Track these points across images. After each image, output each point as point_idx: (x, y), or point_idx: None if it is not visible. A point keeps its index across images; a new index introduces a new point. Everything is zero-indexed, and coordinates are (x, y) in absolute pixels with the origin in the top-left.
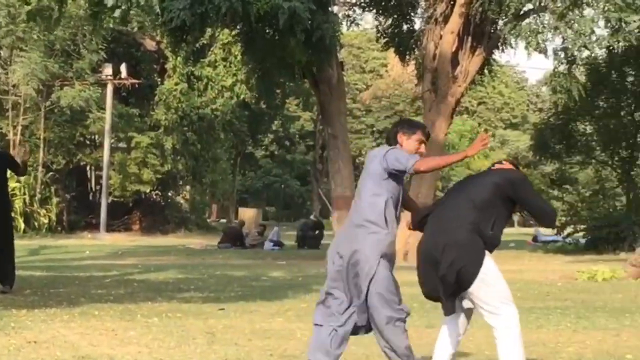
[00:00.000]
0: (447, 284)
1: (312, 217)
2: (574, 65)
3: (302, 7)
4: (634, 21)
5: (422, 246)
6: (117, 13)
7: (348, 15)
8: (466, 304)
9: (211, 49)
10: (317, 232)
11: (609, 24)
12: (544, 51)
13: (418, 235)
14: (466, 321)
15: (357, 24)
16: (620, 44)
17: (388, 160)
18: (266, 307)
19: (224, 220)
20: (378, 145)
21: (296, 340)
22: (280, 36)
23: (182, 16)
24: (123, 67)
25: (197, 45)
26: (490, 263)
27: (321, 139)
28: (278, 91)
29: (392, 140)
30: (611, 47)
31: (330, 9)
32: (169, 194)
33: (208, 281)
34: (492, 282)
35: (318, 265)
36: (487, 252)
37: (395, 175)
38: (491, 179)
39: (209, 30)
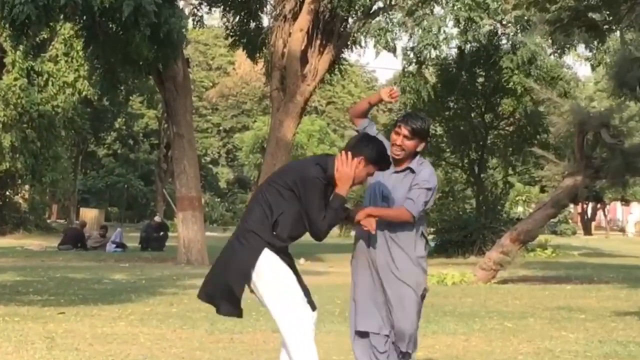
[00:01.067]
0: None
1: (156, 218)
2: (424, 66)
3: (148, 0)
4: (486, 24)
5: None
6: None
7: (194, 14)
8: None
9: (52, 43)
10: (161, 233)
11: (458, 24)
12: (393, 50)
13: None
14: None
15: (202, 25)
16: (470, 44)
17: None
18: (108, 310)
19: (64, 221)
20: (224, 145)
21: (139, 345)
22: (125, 31)
23: (26, 10)
24: None
25: (38, 39)
26: None
27: (166, 138)
28: (122, 88)
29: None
30: (461, 47)
31: (176, 3)
32: (7, 193)
33: (48, 284)
34: None
35: (162, 267)
36: None
37: None
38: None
39: (51, 25)
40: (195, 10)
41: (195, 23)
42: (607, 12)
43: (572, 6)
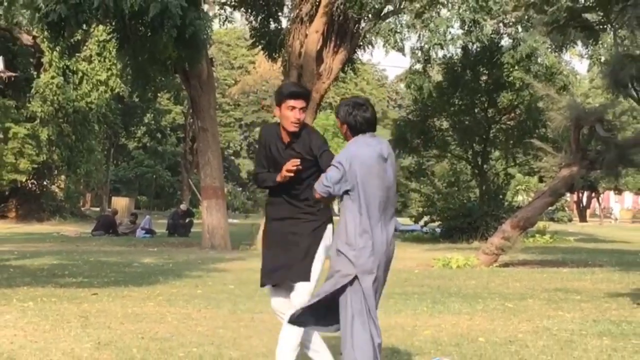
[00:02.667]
0: None
1: (182, 206)
2: (429, 65)
3: (174, 2)
4: (489, 25)
5: None
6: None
7: (219, 15)
8: None
9: (86, 44)
10: (187, 220)
11: (464, 25)
12: (401, 49)
13: None
14: None
15: (230, 21)
16: (474, 44)
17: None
18: (138, 292)
19: (97, 209)
20: (245, 138)
21: (167, 324)
22: (152, 32)
23: (58, 10)
24: (0, 61)
25: (73, 40)
26: None
27: (191, 132)
28: (151, 86)
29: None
30: (466, 47)
31: (201, 6)
32: (45, 183)
33: (82, 267)
34: None
35: (188, 252)
36: None
37: None
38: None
39: (85, 26)
40: (220, 12)
41: (220, 23)
42: (601, 13)
43: (567, 7)
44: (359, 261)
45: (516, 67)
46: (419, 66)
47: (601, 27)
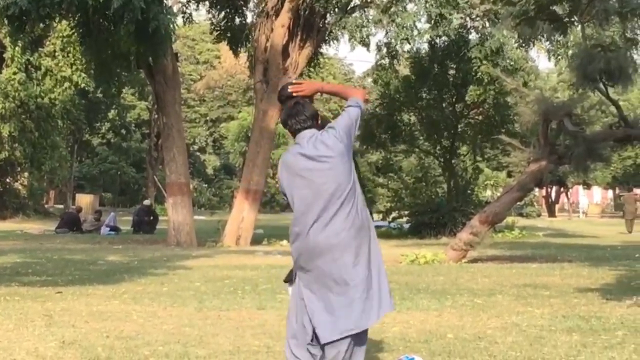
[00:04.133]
0: None
1: (145, 201)
2: (396, 59)
3: None
4: (455, 18)
5: None
6: None
7: (183, 12)
8: None
9: (49, 39)
10: (152, 217)
11: (430, 19)
12: (367, 44)
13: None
14: None
15: (191, 22)
16: (442, 38)
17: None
18: (103, 290)
19: (61, 206)
20: (211, 134)
21: (132, 322)
22: (114, 26)
23: (19, 2)
24: None
25: (35, 35)
26: None
27: (156, 128)
28: (114, 81)
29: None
30: (432, 42)
31: (165, 1)
32: (7, 180)
33: (46, 265)
34: None
35: (153, 249)
36: None
37: None
38: None
39: (47, 20)
40: (184, 7)
41: (185, 20)
42: (569, 6)
43: (536, 0)
44: (295, 264)
45: (484, 62)
46: (385, 61)
47: (570, 20)
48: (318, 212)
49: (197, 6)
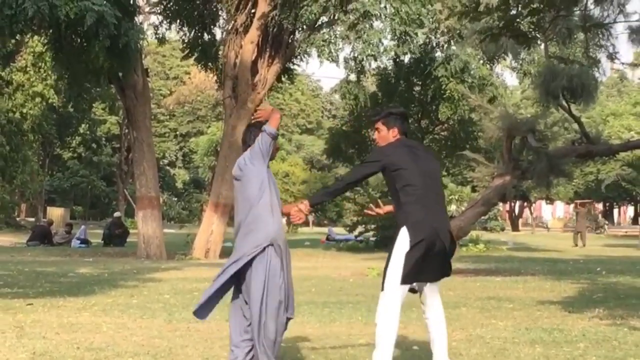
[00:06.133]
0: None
1: (115, 214)
2: (363, 75)
3: (110, 12)
4: (421, 36)
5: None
6: None
7: (156, 33)
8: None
9: (21, 54)
10: (122, 230)
11: (395, 37)
12: (335, 60)
13: (219, 234)
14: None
15: (163, 43)
16: (407, 55)
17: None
18: (73, 302)
19: (32, 219)
20: (181, 148)
21: (102, 334)
22: (87, 42)
23: None
24: None
25: (7, 50)
26: None
27: (127, 142)
28: (85, 96)
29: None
30: (397, 59)
31: (135, 17)
32: None
33: (17, 277)
34: None
35: (123, 262)
36: None
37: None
38: (437, 167)
39: (19, 36)
40: (156, 27)
41: (158, 40)
42: (533, 23)
43: (500, 16)
44: None
45: (451, 79)
46: (353, 77)
47: (533, 36)
48: (239, 220)
49: (169, 26)
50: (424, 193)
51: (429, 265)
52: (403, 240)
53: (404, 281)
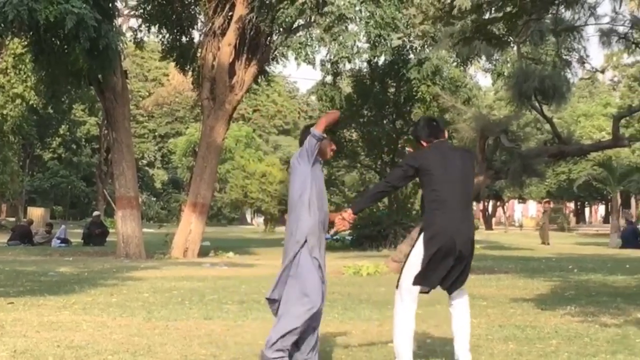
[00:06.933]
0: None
1: (94, 213)
2: (339, 77)
3: (89, 15)
4: (395, 38)
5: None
6: None
7: (135, 37)
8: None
9: (1, 56)
10: (102, 230)
11: (369, 40)
12: (312, 62)
13: (197, 233)
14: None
15: (141, 48)
16: (381, 58)
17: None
18: (54, 300)
19: (13, 219)
20: (159, 149)
21: (82, 332)
22: (67, 44)
23: None
24: None
25: None
26: None
27: (106, 143)
28: (65, 98)
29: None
30: (371, 61)
31: (115, 19)
32: None
33: None
34: None
35: (103, 261)
36: None
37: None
38: (468, 170)
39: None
40: (135, 31)
41: (136, 44)
42: (505, 27)
43: (474, 20)
44: None
45: (423, 82)
46: (329, 79)
47: (506, 39)
48: (288, 214)
49: (148, 30)
50: (448, 199)
51: (443, 272)
52: (421, 245)
53: (415, 283)
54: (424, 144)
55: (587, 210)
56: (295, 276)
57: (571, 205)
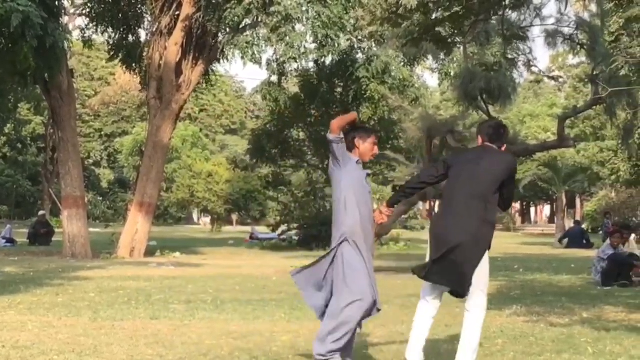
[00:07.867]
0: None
1: (40, 212)
2: (284, 77)
3: (35, 13)
4: (342, 40)
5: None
6: None
7: (83, 36)
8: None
9: None
10: (47, 230)
11: (317, 40)
12: (258, 62)
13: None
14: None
15: (91, 47)
16: (328, 58)
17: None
18: None
19: None
20: (106, 149)
21: (28, 332)
22: (13, 43)
23: None
24: None
25: None
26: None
27: (52, 142)
28: (11, 96)
29: (349, 145)
30: (318, 61)
31: (61, 18)
32: None
33: None
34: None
35: (49, 261)
36: None
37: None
38: (490, 174)
39: None
40: (83, 30)
41: (85, 44)
42: (452, 28)
43: (421, 22)
44: None
45: (372, 81)
46: (274, 78)
47: (453, 40)
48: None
49: (96, 30)
50: (453, 202)
51: (444, 273)
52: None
53: (418, 274)
54: (479, 141)
55: (532, 210)
56: (342, 276)
57: (517, 205)
